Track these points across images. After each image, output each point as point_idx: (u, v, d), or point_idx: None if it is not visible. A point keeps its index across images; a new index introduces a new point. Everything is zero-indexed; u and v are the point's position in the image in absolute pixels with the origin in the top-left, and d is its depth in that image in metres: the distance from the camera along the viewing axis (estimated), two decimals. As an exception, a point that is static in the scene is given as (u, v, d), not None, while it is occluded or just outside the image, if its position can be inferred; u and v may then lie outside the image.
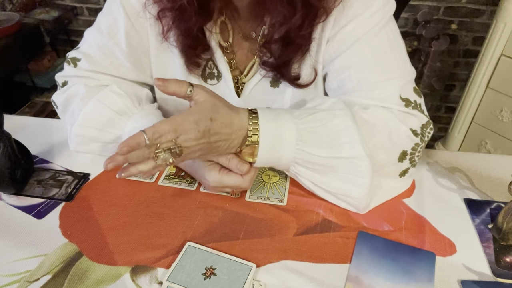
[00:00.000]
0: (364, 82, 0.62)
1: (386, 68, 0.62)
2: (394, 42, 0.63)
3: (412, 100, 0.62)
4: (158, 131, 0.51)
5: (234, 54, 0.71)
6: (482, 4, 1.72)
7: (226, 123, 0.55)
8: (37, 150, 0.74)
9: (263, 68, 0.68)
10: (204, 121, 0.53)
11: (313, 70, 0.67)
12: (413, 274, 0.52)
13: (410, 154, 0.61)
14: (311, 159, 0.57)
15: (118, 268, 0.53)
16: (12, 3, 1.95)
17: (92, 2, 2.01)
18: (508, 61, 1.45)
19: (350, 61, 0.63)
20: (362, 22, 0.61)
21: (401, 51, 0.64)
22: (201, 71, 0.72)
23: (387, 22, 0.62)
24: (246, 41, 0.70)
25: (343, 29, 0.62)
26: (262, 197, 0.64)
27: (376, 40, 0.62)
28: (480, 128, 1.64)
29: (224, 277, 0.51)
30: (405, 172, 0.63)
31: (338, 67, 0.64)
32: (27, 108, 1.97)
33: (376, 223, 0.60)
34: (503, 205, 0.61)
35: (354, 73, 0.63)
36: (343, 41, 0.62)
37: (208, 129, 0.53)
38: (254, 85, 0.70)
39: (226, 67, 0.70)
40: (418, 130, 0.61)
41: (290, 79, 0.67)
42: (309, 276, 0.52)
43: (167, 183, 0.66)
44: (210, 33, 0.67)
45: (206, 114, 0.54)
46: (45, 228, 0.59)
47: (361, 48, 0.62)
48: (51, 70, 2.02)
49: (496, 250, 0.56)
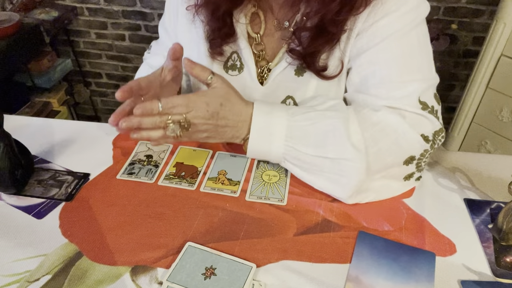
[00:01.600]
0: (388, 79, 0.62)
1: (411, 69, 0.62)
2: (423, 44, 0.63)
3: (430, 105, 0.62)
4: (171, 102, 0.56)
5: (263, 45, 0.71)
6: (482, 4, 1.72)
7: (234, 111, 0.60)
8: (37, 150, 0.74)
9: (289, 56, 0.67)
10: (214, 104, 0.59)
11: (340, 62, 0.66)
12: (413, 274, 0.52)
13: (417, 160, 0.61)
14: (299, 156, 0.60)
15: (118, 268, 0.53)
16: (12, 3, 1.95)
17: (92, 2, 2.01)
18: (508, 61, 1.45)
19: (377, 57, 0.63)
20: (395, 19, 0.61)
21: (428, 55, 0.64)
22: (224, 61, 0.73)
23: (419, 23, 0.62)
24: (278, 30, 0.70)
25: (376, 24, 0.61)
26: (262, 197, 0.64)
27: (406, 40, 0.61)
28: (480, 128, 1.64)
29: (224, 277, 0.51)
30: (410, 176, 0.63)
31: (364, 61, 0.64)
32: (27, 108, 1.97)
33: (376, 223, 0.60)
34: (503, 205, 0.61)
35: (379, 69, 0.63)
36: (374, 36, 0.62)
37: (216, 112, 0.59)
38: (279, 72, 0.70)
39: (251, 57, 0.70)
40: (430, 136, 0.61)
41: (316, 70, 0.67)
42: (309, 276, 0.52)
43: (167, 183, 0.66)
44: (237, 22, 0.68)
45: (218, 99, 0.59)
46: (45, 228, 0.59)
47: (390, 45, 0.62)
48: (51, 70, 2.02)
49: (496, 250, 0.56)
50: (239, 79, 0.72)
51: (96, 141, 0.76)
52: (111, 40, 2.14)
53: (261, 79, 0.72)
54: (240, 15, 0.68)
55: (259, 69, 0.72)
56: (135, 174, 0.68)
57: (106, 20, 2.07)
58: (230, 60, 0.73)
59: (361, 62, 0.64)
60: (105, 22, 2.08)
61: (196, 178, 0.67)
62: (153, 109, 0.56)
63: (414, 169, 0.62)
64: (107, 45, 2.17)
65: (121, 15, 2.03)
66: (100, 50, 2.20)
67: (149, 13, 1.99)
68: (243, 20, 0.69)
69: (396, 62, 0.62)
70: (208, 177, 0.67)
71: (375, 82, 0.63)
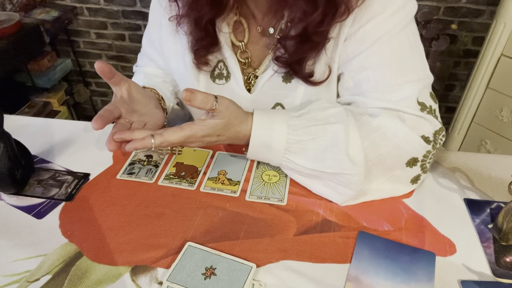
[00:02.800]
0: (382, 83, 0.61)
1: (405, 71, 0.61)
2: (414, 44, 0.62)
3: (428, 105, 0.61)
4: (166, 141, 0.56)
5: (249, 52, 0.71)
6: (482, 4, 1.72)
7: (232, 137, 0.61)
8: (37, 150, 0.74)
9: (275, 64, 0.67)
10: (211, 137, 0.59)
11: (327, 68, 0.66)
12: (413, 274, 0.52)
13: (421, 161, 0.61)
14: (297, 168, 0.61)
15: (118, 268, 0.53)
16: (12, 3, 1.95)
17: (92, 2, 2.01)
18: (508, 61, 1.46)
19: (368, 61, 0.62)
20: (383, 22, 0.60)
21: (420, 54, 0.63)
22: (210, 71, 0.72)
23: (408, 23, 0.61)
24: (263, 37, 0.69)
25: (363, 27, 0.61)
26: (262, 197, 0.64)
27: (396, 41, 0.61)
28: (480, 128, 1.64)
29: (224, 277, 0.51)
30: (417, 179, 0.63)
31: (356, 67, 0.63)
32: (27, 108, 1.97)
33: (376, 223, 0.60)
34: (503, 205, 0.61)
35: (372, 74, 0.62)
36: (363, 41, 0.61)
37: (213, 141, 0.60)
38: (266, 80, 0.69)
39: (237, 66, 0.70)
40: (431, 137, 0.61)
41: (303, 76, 0.66)
42: (309, 276, 0.52)
43: (167, 183, 0.66)
44: (220, 31, 0.67)
45: (216, 131, 0.59)
46: (45, 228, 0.59)
47: (381, 48, 0.61)
48: (51, 70, 2.02)
49: (496, 250, 0.56)
50: (226, 88, 0.72)
51: (96, 141, 0.76)
52: (111, 40, 2.14)
53: (248, 86, 0.72)
54: (222, 24, 0.67)
55: (245, 77, 0.72)
56: (135, 174, 0.68)
57: (106, 20, 2.07)
58: (217, 69, 0.72)
59: (353, 68, 0.64)
60: (105, 22, 2.08)
61: (196, 178, 0.67)
62: (146, 147, 0.55)
63: (420, 171, 0.62)
64: (107, 45, 2.17)
65: (121, 15, 2.03)
66: (100, 50, 2.20)
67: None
68: (225, 29, 0.68)
69: (389, 65, 0.61)
70: (208, 177, 0.67)
71: (370, 87, 0.62)
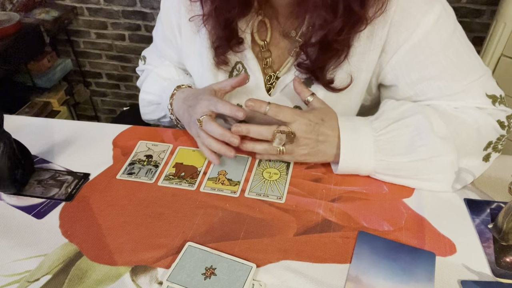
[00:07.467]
0: (447, 89, 0.64)
1: (465, 73, 0.63)
2: (466, 44, 0.64)
3: (498, 94, 0.65)
4: (278, 106, 0.62)
5: (270, 52, 0.72)
6: (482, 4, 1.72)
7: (332, 126, 0.64)
8: (37, 150, 0.74)
9: (298, 70, 0.68)
10: (316, 119, 0.63)
11: (348, 76, 0.67)
12: (413, 274, 0.52)
13: (494, 143, 0.64)
14: (391, 166, 0.62)
15: (118, 268, 0.53)
16: (12, 3, 1.95)
17: (92, 2, 2.01)
18: (508, 61, 1.45)
19: (429, 72, 0.64)
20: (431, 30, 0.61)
21: (472, 50, 0.65)
22: (229, 71, 0.73)
23: (454, 24, 0.63)
24: (285, 39, 0.70)
25: (410, 40, 0.62)
26: (261, 194, 0.64)
27: (451, 48, 0.63)
28: (480, 128, 1.64)
29: (224, 277, 0.51)
30: (488, 157, 0.66)
31: (415, 78, 0.65)
32: (27, 108, 1.97)
33: (376, 223, 0.60)
34: (503, 205, 0.61)
35: (434, 82, 0.64)
36: (414, 53, 0.63)
37: (318, 126, 0.63)
38: (287, 83, 0.71)
39: (258, 66, 0.71)
40: (506, 122, 0.64)
41: (324, 83, 0.68)
42: (309, 276, 0.52)
43: (167, 183, 0.66)
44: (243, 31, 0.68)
45: (319, 115, 0.64)
46: (45, 228, 0.59)
47: (438, 59, 0.63)
48: (51, 70, 2.02)
49: (496, 250, 0.56)
50: (244, 89, 0.73)
51: (96, 141, 0.76)
52: (111, 40, 2.14)
53: (267, 86, 0.73)
54: (247, 23, 0.68)
55: (266, 77, 0.72)
56: (135, 174, 0.68)
57: (106, 20, 2.07)
58: (235, 70, 0.73)
59: (412, 79, 0.65)
60: (105, 22, 2.08)
61: (196, 178, 0.67)
62: (262, 106, 0.62)
63: (491, 150, 0.65)
64: (107, 45, 2.17)
65: (121, 15, 2.03)
66: (100, 50, 2.20)
67: (149, 13, 1.99)
68: (249, 28, 0.69)
69: (450, 73, 0.63)
70: (208, 177, 0.67)
71: (435, 94, 0.65)
